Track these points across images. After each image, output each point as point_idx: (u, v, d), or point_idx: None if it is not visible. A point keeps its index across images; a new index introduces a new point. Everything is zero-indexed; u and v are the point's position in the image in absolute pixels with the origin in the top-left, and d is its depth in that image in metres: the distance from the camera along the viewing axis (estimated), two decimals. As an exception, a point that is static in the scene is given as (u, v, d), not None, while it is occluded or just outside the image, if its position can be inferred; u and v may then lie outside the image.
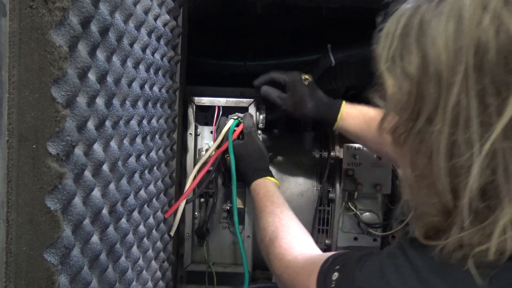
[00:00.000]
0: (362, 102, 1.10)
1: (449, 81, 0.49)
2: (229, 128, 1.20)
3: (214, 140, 1.23)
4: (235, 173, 1.16)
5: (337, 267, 0.65)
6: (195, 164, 1.25)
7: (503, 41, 0.47)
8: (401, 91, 0.54)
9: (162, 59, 0.99)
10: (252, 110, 1.26)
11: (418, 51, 0.52)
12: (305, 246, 0.86)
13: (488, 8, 0.48)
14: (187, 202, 1.21)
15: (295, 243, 0.87)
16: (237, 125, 1.21)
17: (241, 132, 1.21)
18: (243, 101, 1.26)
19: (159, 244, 1.05)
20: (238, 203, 1.26)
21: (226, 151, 1.19)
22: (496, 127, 0.47)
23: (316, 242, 1.01)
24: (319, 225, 1.37)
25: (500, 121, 0.47)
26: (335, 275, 0.64)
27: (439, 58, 0.50)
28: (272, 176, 1.13)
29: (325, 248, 1.37)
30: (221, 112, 1.26)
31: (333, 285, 0.63)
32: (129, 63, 0.81)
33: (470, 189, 0.50)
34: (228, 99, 1.26)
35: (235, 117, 1.23)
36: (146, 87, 0.91)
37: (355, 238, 1.37)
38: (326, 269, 0.67)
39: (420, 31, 0.52)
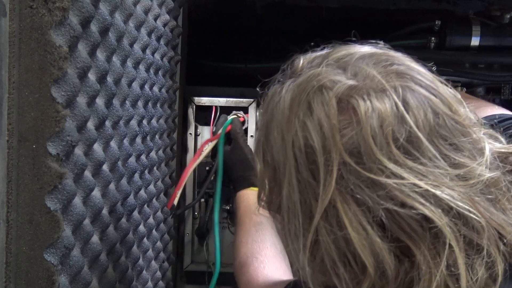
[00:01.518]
0: None
1: (282, 178, 0.54)
2: (222, 127, 1.20)
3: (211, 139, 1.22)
4: (222, 169, 1.15)
5: None
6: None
7: (309, 151, 0.51)
8: (265, 175, 0.59)
9: (162, 59, 0.99)
10: (252, 110, 1.26)
11: (270, 146, 0.57)
12: (272, 273, 0.85)
13: (298, 116, 0.52)
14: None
15: (262, 269, 0.86)
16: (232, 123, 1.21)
17: (229, 136, 1.19)
18: (243, 101, 1.26)
19: (159, 244, 1.05)
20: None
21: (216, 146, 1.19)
22: (314, 221, 0.51)
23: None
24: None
25: (316, 217, 0.50)
26: None
27: (278, 154, 0.55)
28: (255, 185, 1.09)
29: None
30: (218, 113, 1.26)
31: None
32: (129, 63, 0.81)
33: (307, 272, 0.53)
34: (228, 99, 1.26)
35: (234, 116, 1.23)
36: (146, 87, 0.91)
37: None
38: None
39: (269, 128, 0.57)
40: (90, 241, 0.68)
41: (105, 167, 0.72)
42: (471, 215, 0.48)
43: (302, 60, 0.59)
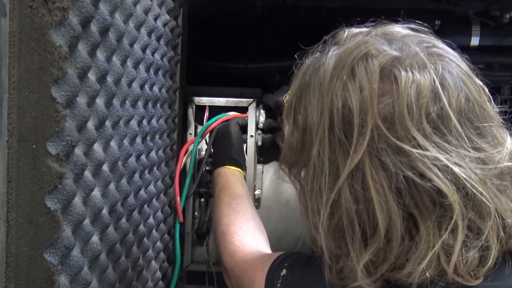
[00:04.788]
0: None
1: (314, 137, 0.58)
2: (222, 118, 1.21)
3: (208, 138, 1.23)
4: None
5: (286, 264, 0.70)
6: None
7: (346, 112, 0.55)
8: (293, 137, 0.63)
9: (162, 59, 0.99)
10: (252, 110, 1.26)
11: (303, 108, 0.60)
12: (255, 244, 0.89)
13: (341, 78, 0.56)
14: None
15: (246, 240, 0.90)
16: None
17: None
18: (243, 101, 1.26)
19: (159, 244, 1.05)
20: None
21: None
22: (340, 179, 0.55)
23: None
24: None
25: (342, 176, 0.54)
26: (284, 271, 0.69)
27: (312, 116, 0.58)
28: (236, 165, 1.12)
29: None
30: (207, 113, 1.26)
31: (280, 281, 0.68)
32: (129, 63, 0.81)
33: (322, 230, 0.57)
34: (228, 99, 1.26)
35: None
36: (146, 87, 0.91)
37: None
38: (276, 265, 0.71)
39: (305, 91, 0.61)
40: (90, 241, 0.68)
41: (105, 167, 0.72)
42: (482, 198, 0.52)
43: (346, 32, 0.63)
